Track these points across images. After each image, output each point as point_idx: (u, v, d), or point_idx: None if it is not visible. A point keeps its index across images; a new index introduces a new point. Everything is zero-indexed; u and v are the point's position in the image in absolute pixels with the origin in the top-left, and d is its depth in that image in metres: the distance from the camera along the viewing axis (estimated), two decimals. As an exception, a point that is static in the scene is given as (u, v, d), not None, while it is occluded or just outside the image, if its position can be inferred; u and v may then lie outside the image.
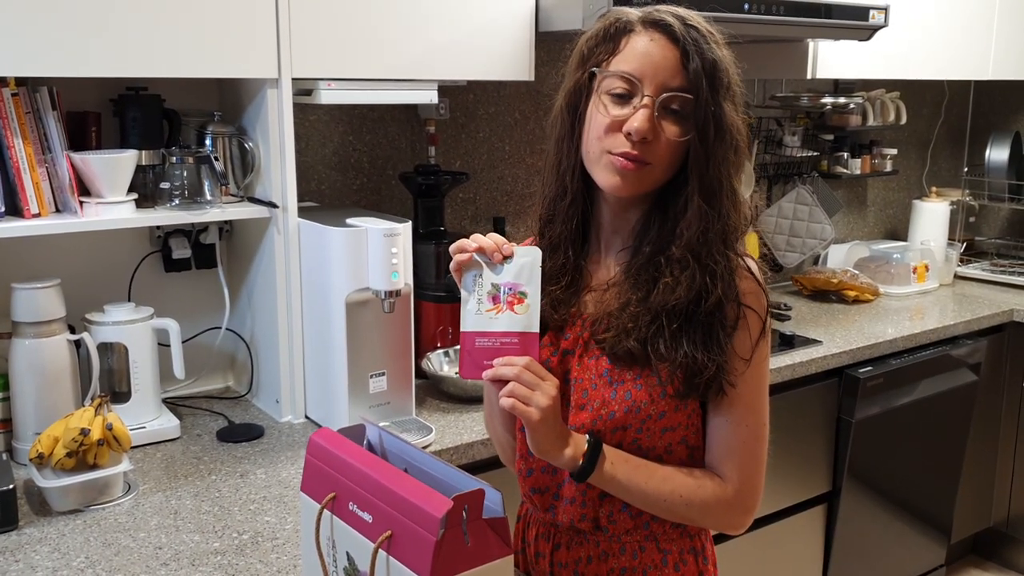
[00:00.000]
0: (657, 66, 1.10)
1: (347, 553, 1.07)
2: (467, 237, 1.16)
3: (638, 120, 1.11)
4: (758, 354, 1.17)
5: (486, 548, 0.99)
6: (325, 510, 1.09)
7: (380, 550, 1.00)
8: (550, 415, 1.10)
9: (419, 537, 0.97)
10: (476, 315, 1.14)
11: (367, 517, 1.03)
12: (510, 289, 1.13)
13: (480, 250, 1.13)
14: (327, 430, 1.16)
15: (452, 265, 1.15)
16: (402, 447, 1.15)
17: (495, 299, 1.13)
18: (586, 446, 1.14)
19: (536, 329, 1.13)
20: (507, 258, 1.14)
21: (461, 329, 1.15)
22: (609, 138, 1.14)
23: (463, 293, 1.15)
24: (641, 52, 1.12)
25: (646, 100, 1.11)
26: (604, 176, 1.16)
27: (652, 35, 1.12)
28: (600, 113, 1.15)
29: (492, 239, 1.14)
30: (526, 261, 1.14)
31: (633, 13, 1.15)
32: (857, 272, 3.14)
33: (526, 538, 1.32)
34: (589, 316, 1.21)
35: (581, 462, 1.13)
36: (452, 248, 1.16)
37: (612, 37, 1.15)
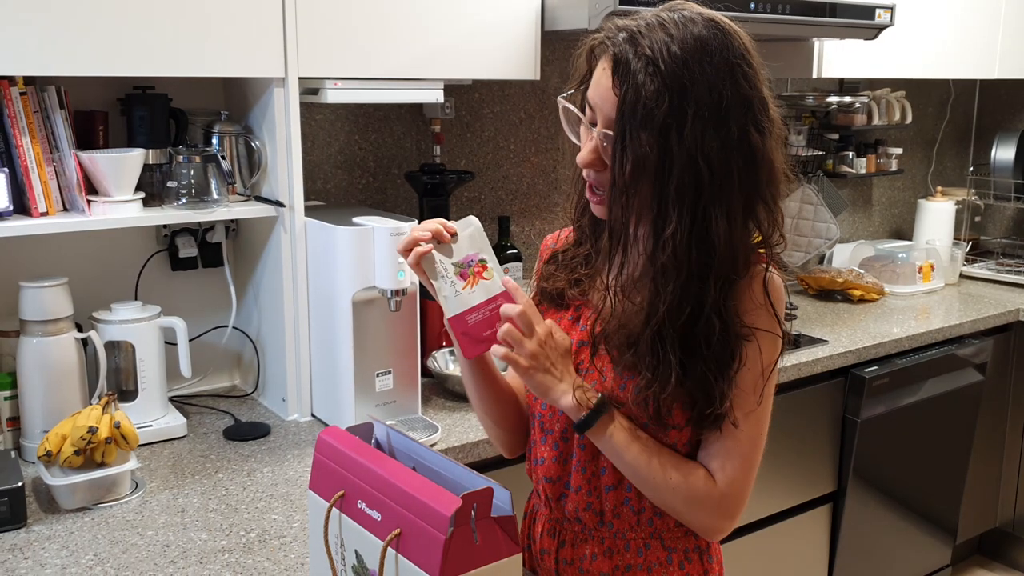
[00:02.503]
0: (603, 98, 1.10)
1: (356, 551, 1.07)
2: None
3: (581, 154, 1.14)
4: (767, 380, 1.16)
5: (495, 546, 1.00)
6: (334, 508, 1.09)
7: (389, 548, 1.00)
8: (539, 361, 1.13)
9: (428, 535, 0.97)
10: (456, 297, 1.17)
11: (376, 515, 1.04)
12: (471, 262, 1.18)
13: (431, 237, 1.17)
14: (335, 428, 1.16)
15: (411, 260, 1.18)
16: (410, 445, 1.16)
17: (464, 276, 1.18)
18: (594, 401, 1.15)
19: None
20: (453, 236, 1.18)
21: (447, 317, 1.18)
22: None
23: (434, 284, 1.19)
24: (595, 82, 1.12)
25: (593, 133, 1.12)
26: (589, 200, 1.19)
27: (605, 64, 1.11)
28: (580, 139, 1.17)
29: (436, 223, 1.18)
30: (471, 231, 1.19)
31: (606, 34, 1.13)
32: (862, 271, 3.14)
33: (532, 534, 1.33)
34: (604, 312, 1.21)
35: (584, 414, 1.14)
36: (401, 248, 1.19)
37: (590, 57, 1.15)
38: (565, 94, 1.18)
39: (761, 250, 1.15)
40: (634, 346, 1.13)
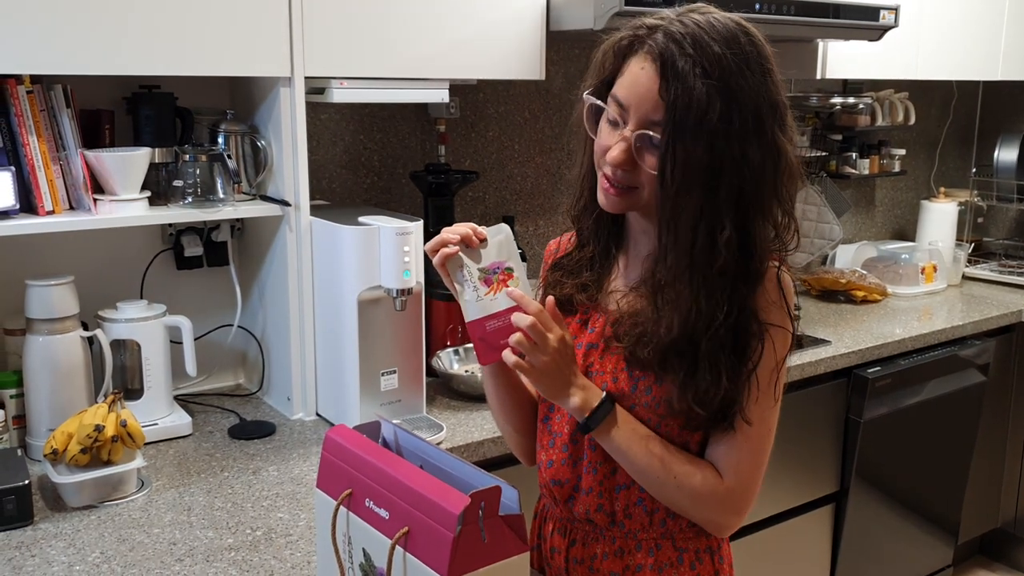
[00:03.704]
0: (641, 97, 1.09)
1: (363, 549, 1.07)
2: None
3: (613, 153, 1.13)
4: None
5: (503, 545, 1.00)
6: (341, 506, 1.10)
7: (397, 546, 1.01)
8: (551, 368, 1.13)
9: (436, 534, 0.97)
10: (477, 302, 1.17)
11: (384, 513, 1.04)
12: (497, 269, 1.18)
13: (460, 240, 1.17)
14: (343, 427, 1.16)
15: (437, 261, 1.18)
16: (417, 444, 1.16)
17: (488, 282, 1.17)
18: (597, 402, 1.16)
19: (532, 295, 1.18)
20: (482, 241, 1.18)
21: (467, 320, 1.18)
22: (601, 158, 1.16)
23: (457, 287, 1.19)
24: (631, 81, 1.11)
25: (626, 133, 1.11)
26: (599, 193, 1.19)
27: (643, 63, 1.09)
28: (599, 136, 1.16)
29: (467, 227, 1.18)
30: (501, 239, 1.19)
31: (636, 31, 1.12)
32: (865, 272, 3.14)
33: (542, 533, 1.33)
34: (612, 313, 1.22)
35: (587, 416, 1.15)
36: (429, 248, 1.19)
37: (620, 54, 1.14)
38: (590, 90, 1.17)
39: (772, 248, 1.16)
40: (688, 355, 1.13)
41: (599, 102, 1.15)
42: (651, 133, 1.09)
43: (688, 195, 1.09)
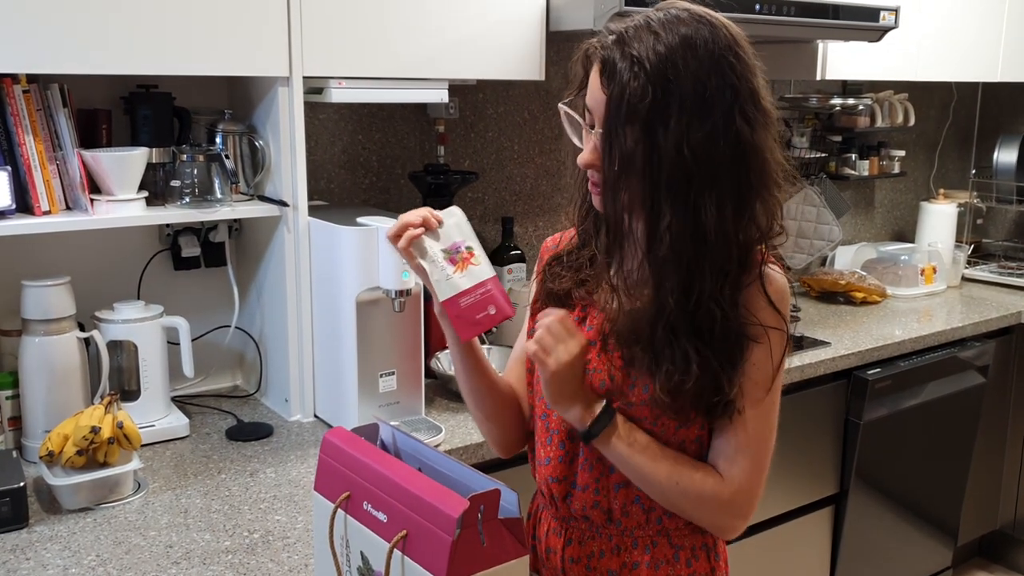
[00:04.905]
0: (597, 101, 1.12)
1: (361, 553, 1.07)
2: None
3: (582, 156, 1.17)
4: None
5: (502, 548, 1.00)
6: (339, 509, 1.09)
7: (395, 550, 1.00)
8: (566, 370, 1.15)
9: (435, 537, 0.97)
10: (448, 281, 1.21)
11: (382, 516, 1.03)
12: (458, 248, 1.22)
13: (421, 223, 1.20)
14: (341, 429, 1.15)
15: (402, 244, 1.20)
16: (416, 446, 1.15)
17: (453, 261, 1.22)
18: (599, 410, 1.16)
19: (493, 271, 1.23)
20: (439, 223, 1.22)
21: (440, 299, 1.21)
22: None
23: (426, 266, 1.21)
24: (592, 87, 1.14)
25: (593, 135, 1.14)
26: (592, 195, 1.20)
27: (596, 68, 1.13)
28: (583, 142, 1.19)
29: (425, 211, 1.21)
30: (456, 220, 1.23)
31: (600, 40, 1.15)
32: (865, 274, 3.14)
33: (536, 534, 1.33)
34: (611, 310, 1.21)
35: (588, 425, 1.16)
36: (392, 233, 1.21)
37: (586, 62, 1.17)
38: (566, 100, 1.19)
39: (761, 247, 1.16)
40: (647, 342, 1.14)
41: (571, 111, 1.18)
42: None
43: (627, 184, 1.11)
